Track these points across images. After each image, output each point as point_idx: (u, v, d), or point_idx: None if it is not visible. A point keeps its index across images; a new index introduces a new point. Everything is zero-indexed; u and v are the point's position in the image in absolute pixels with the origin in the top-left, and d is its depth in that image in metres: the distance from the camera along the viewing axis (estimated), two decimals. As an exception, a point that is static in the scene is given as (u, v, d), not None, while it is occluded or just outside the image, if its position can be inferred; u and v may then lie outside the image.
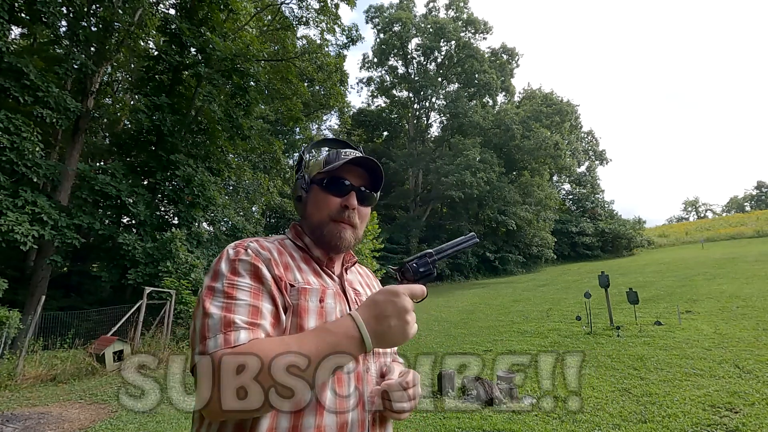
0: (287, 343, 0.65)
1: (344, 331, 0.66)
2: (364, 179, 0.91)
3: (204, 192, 12.63)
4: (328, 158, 0.92)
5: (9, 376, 6.15)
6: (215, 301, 0.69)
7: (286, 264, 0.81)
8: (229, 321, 0.66)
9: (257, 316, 0.69)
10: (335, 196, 0.87)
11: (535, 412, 3.97)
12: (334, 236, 0.85)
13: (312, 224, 0.88)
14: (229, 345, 0.63)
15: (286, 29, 17.34)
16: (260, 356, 0.61)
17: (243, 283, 0.72)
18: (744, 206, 70.97)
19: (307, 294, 0.77)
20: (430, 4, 33.66)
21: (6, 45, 8.78)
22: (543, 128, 29.70)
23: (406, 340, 0.68)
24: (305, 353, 0.63)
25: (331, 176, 0.87)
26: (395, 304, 0.67)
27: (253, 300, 0.71)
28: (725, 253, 20.29)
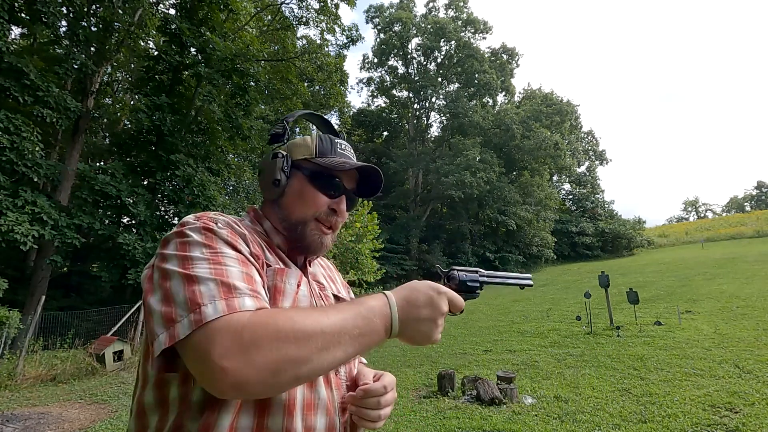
0: (322, 310, 0.59)
1: (379, 307, 0.60)
2: (355, 182, 0.82)
3: (204, 192, 12.63)
4: (321, 146, 0.78)
5: (9, 376, 6.15)
6: (198, 268, 0.56)
7: (257, 242, 0.71)
8: (229, 286, 0.55)
9: (253, 284, 0.59)
10: (324, 194, 0.76)
11: (535, 412, 3.97)
12: (315, 241, 0.76)
13: (289, 218, 0.76)
14: (235, 310, 0.52)
15: (286, 29, 17.35)
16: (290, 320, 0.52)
17: (228, 252, 0.60)
18: (744, 206, 70.98)
19: (285, 275, 0.69)
20: (430, 4, 33.69)
21: (6, 45, 8.78)
22: (543, 128, 29.71)
23: (428, 342, 0.64)
24: (342, 321, 0.56)
25: (325, 171, 0.76)
26: (433, 300, 0.63)
27: (243, 268, 0.59)
28: (725, 253, 20.29)
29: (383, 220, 23.91)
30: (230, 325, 0.50)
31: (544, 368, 5.49)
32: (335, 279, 0.92)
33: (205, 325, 0.50)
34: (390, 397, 0.73)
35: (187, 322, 0.51)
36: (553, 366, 5.58)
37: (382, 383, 0.72)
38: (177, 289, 0.54)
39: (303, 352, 0.51)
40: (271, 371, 0.50)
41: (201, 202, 12.83)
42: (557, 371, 5.31)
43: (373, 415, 0.70)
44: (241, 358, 0.49)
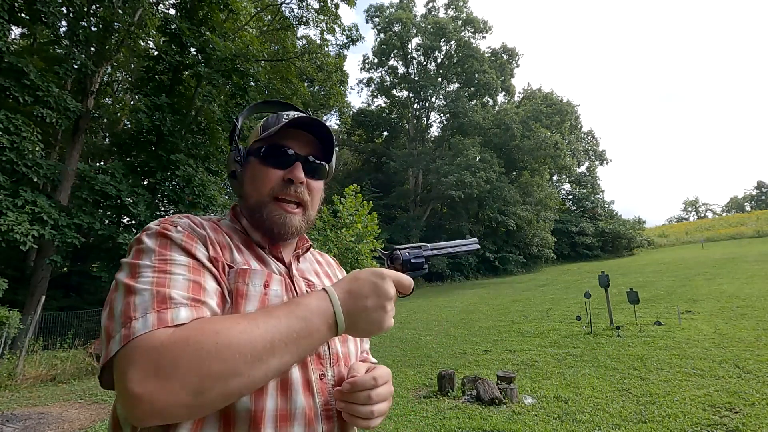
0: (252, 317, 0.52)
1: (317, 306, 0.55)
2: (313, 147, 0.74)
3: (204, 192, 12.63)
4: (266, 123, 0.75)
5: (9, 376, 6.16)
6: (142, 277, 0.54)
7: (223, 243, 0.67)
8: (164, 296, 0.52)
9: (199, 292, 0.55)
10: (276, 167, 0.71)
11: (535, 412, 3.97)
12: (277, 222, 0.70)
13: (250, 205, 0.72)
14: (165, 324, 0.49)
15: (286, 29, 17.36)
16: (214, 333, 0.48)
17: (178, 258, 0.58)
18: (744, 206, 71.01)
19: (248, 276, 0.63)
20: (430, 4, 33.71)
21: (6, 45, 8.79)
22: (543, 128, 29.72)
23: (381, 330, 0.59)
24: (272, 326, 0.51)
25: (270, 144, 0.71)
26: (377, 287, 0.58)
27: (193, 275, 0.57)
28: (725, 253, 20.30)
29: (383, 220, 23.93)
30: (150, 344, 0.47)
31: (544, 368, 5.49)
32: (333, 275, 0.87)
33: (130, 342, 0.47)
34: (383, 391, 0.65)
35: (118, 338, 0.49)
36: (553, 366, 5.58)
37: (371, 375, 0.65)
38: (118, 301, 0.52)
39: (229, 367, 0.47)
40: (193, 392, 0.46)
41: (201, 202, 12.83)
42: (557, 371, 5.31)
43: (364, 411, 0.63)
44: (157, 382, 0.45)
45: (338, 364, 0.69)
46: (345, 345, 0.74)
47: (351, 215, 12.33)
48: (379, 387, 0.65)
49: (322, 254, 0.92)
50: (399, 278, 0.62)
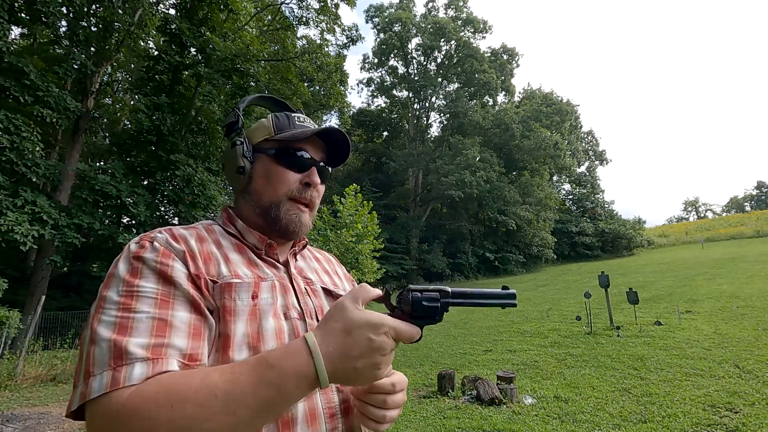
0: (211, 385, 0.46)
1: (295, 367, 0.48)
2: (323, 152, 0.77)
3: (204, 192, 12.64)
4: (278, 122, 0.75)
5: (9, 376, 6.16)
6: (105, 317, 0.52)
7: (209, 255, 0.64)
8: (120, 350, 0.49)
9: (164, 331, 0.52)
10: (295, 171, 0.72)
11: (535, 412, 3.97)
12: (292, 220, 0.71)
13: (262, 202, 0.72)
14: (118, 385, 0.46)
15: (286, 29, 17.37)
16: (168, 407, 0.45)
17: (146, 288, 0.55)
18: (744, 206, 71.04)
19: (234, 290, 0.61)
20: (430, 4, 33.73)
21: (6, 45, 8.79)
22: (543, 128, 29.73)
23: (368, 383, 0.55)
24: (237, 400, 0.46)
25: (288, 147, 0.72)
26: (371, 343, 0.50)
27: (159, 310, 0.53)
28: (725, 253, 20.30)
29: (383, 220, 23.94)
30: (107, 413, 0.46)
31: (544, 368, 5.49)
32: (333, 272, 0.86)
33: (87, 402, 0.47)
34: (398, 398, 0.65)
35: (78, 393, 0.48)
36: (553, 366, 5.58)
37: (391, 380, 0.63)
38: (85, 345, 0.52)
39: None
40: None
41: (201, 202, 12.84)
42: (557, 371, 5.31)
43: (377, 414, 0.62)
44: None
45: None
46: None
47: (351, 215, 12.33)
48: (396, 394, 0.64)
49: (320, 251, 0.91)
50: (399, 330, 0.53)
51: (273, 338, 0.61)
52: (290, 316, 0.66)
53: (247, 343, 0.58)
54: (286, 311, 0.66)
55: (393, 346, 0.53)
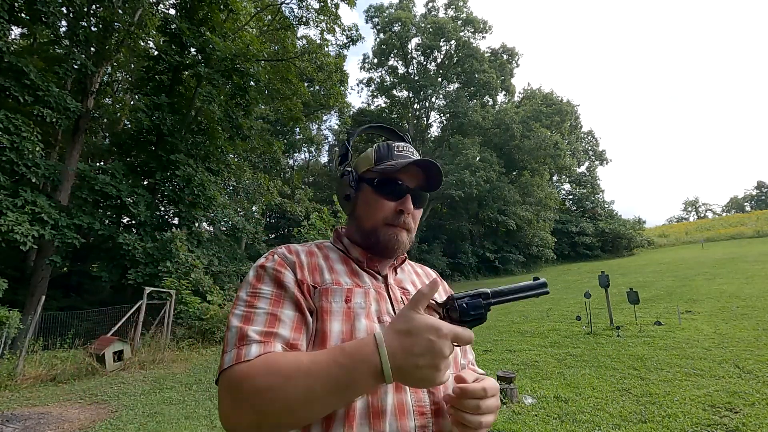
0: (299, 362, 0.59)
1: (363, 355, 0.57)
2: (419, 179, 0.83)
3: (204, 192, 12.64)
4: (379, 153, 0.84)
5: (9, 376, 6.15)
6: (237, 311, 0.69)
7: (316, 266, 0.77)
8: (243, 334, 0.64)
9: (274, 324, 0.66)
10: (389, 199, 0.80)
11: (535, 412, 3.97)
12: (391, 241, 0.80)
13: (364, 228, 0.82)
14: (240, 360, 0.61)
15: (286, 29, 17.36)
16: (267, 374, 0.58)
17: (264, 291, 0.70)
18: (744, 206, 71.04)
19: (330, 294, 0.72)
20: (430, 4, 33.72)
21: (6, 45, 8.79)
22: (543, 128, 29.71)
23: (429, 385, 0.58)
24: (314, 374, 0.57)
25: (385, 177, 0.80)
26: (432, 344, 0.56)
27: (272, 308, 0.68)
28: (725, 253, 20.29)
29: (383, 220, 23.91)
30: (231, 378, 0.61)
31: (544, 368, 5.49)
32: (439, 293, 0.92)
33: (222, 371, 0.62)
34: (492, 403, 0.67)
35: (220, 363, 0.64)
36: (553, 366, 5.58)
37: (482, 385, 0.67)
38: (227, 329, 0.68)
39: (277, 408, 0.57)
40: (254, 425, 0.58)
41: (201, 202, 12.84)
42: (557, 371, 5.31)
43: (472, 421, 0.64)
44: (232, 412, 0.59)
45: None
46: None
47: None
48: (488, 398, 0.66)
49: (422, 267, 0.99)
50: (457, 334, 0.58)
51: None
52: (383, 320, 0.74)
53: (341, 339, 0.68)
54: (380, 315, 0.74)
55: (452, 350, 0.57)
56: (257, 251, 18.25)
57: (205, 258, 12.39)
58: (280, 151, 19.28)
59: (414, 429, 0.66)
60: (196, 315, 9.58)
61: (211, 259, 12.93)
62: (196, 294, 10.34)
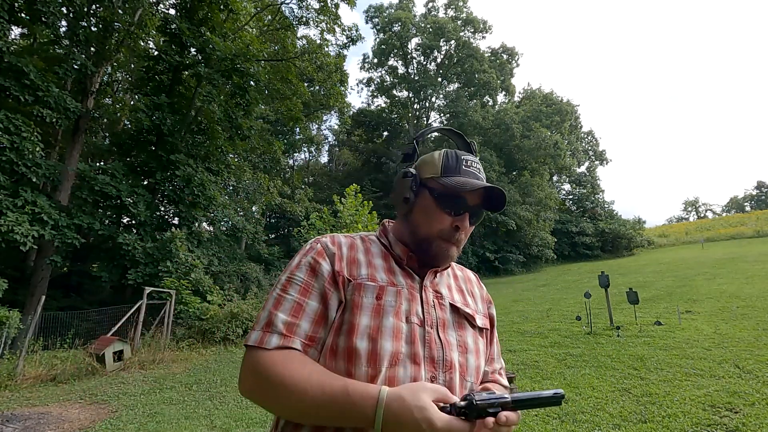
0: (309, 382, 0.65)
1: (362, 408, 0.62)
2: (481, 199, 0.82)
3: (204, 192, 12.63)
4: (447, 163, 0.82)
5: (9, 376, 6.15)
6: (274, 293, 0.75)
7: (355, 259, 0.79)
8: (271, 320, 0.71)
9: (298, 314, 0.72)
10: (449, 214, 0.79)
11: (535, 412, 3.97)
12: (441, 254, 0.80)
13: (418, 235, 0.81)
14: (261, 345, 0.69)
15: (286, 29, 17.36)
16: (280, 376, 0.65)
17: (298, 278, 0.75)
18: (744, 206, 71.01)
19: (362, 290, 0.74)
20: (430, 4, 33.72)
21: (6, 45, 8.78)
22: (543, 128, 29.70)
23: None
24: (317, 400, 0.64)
25: (449, 192, 0.79)
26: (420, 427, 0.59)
27: (300, 296, 0.73)
28: (725, 253, 20.29)
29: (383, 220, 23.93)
30: (252, 357, 0.69)
31: (544, 368, 5.49)
32: (468, 291, 0.91)
33: (247, 345, 0.71)
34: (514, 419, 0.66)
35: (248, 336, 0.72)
36: (553, 366, 5.58)
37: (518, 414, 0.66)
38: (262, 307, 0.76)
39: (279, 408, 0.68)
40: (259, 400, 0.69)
41: (201, 202, 12.83)
42: (557, 371, 5.31)
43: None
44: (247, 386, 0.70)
45: (451, 371, 0.74)
46: (464, 356, 0.78)
47: (351, 215, 12.32)
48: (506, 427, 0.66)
49: (462, 269, 0.97)
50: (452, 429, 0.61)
51: (389, 334, 0.71)
52: (411, 320, 0.74)
53: (368, 333, 0.71)
54: (409, 316, 0.75)
55: None
56: (257, 251, 18.26)
57: (205, 258, 12.39)
58: (280, 151, 19.27)
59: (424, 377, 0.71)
60: (196, 315, 9.58)
61: (211, 259, 12.93)
62: (196, 294, 10.34)
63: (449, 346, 0.76)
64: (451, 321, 0.80)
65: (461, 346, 0.78)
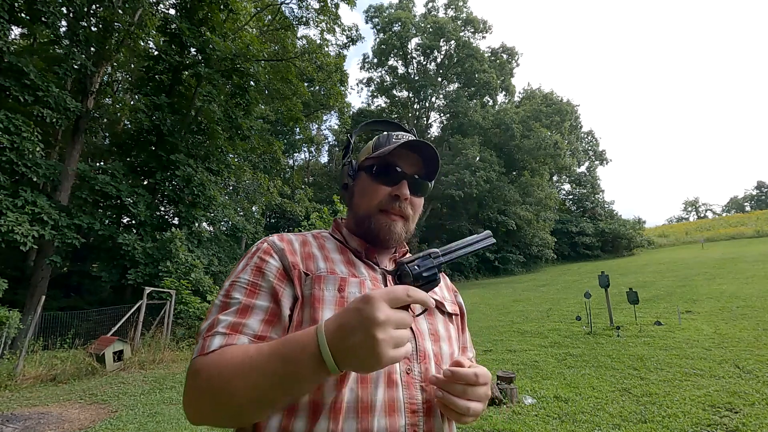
0: (246, 355, 0.56)
1: (302, 344, 0.52)
2: (418, 166, 0.81)
3: (204, 192, 12.64)
4: (378, 142, 0.83)
5: (9, 376, 6.15)
6: (217, 300, 0.68)
7: (310, 254, 0.75)
8: (212, 325, 0.63)
9: (245, 315, 0.64)
10: (385, 184, 0.78)
11: (535, 412, 3.97)
12: (383, 229, 0.77)
13: (358, 215, 0.80)
14: (203, 352, 0.60)
15: (286, 29, 17.37)
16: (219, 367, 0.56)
17: (242, 281, 0.69)
18: (744, 206, 71.05)
19: (322, 282, 0.69)
20: (430, 4, 33.71)
21: (6, 45, 8.78)
22: (543, 128, 29.71)
23: (377, 364, 0.50)
24: (258, 368, 0.54)
25: (381, 163, 0.79)
26: (360, 314, 0.50)
27: (247, 298, 0.66)
28: (725, 253, 20.29)
29: (383, 220, 23.88)
30: (191, 369, 0.60)
31: (544, 368, 5.49)
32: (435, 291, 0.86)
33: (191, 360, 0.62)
34: (481, 392, 0.65)
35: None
36: (553, 366, 5.58)
37: (474, 371, 0.65)
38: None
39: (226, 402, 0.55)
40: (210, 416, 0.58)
41: (201, 202, 12.83)
42: (557, 371, 5.31)
43: (459, 405, 0.62)
44: (190, 401, 0.59)
45: (426, 361, 0.70)
46: (437, 344, 0.75)
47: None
48: (478, 386, 0.65)
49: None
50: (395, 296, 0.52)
51: None
52: None
53: None
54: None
55: (390, 317, 0.50)
56: (257, 251, 18.22)
57: (205, 258, 12.39)
58: (280, 151, 19.28)
59: (404, 427, 0.63)
60: (196, 315, 9.58)
61: (211, 259, 12.93)
62: (196, 294, 10.34)
63: (421, 335, 0.73)
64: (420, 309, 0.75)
65: (433, 334, 0.75)
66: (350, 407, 0.61)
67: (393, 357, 0.50)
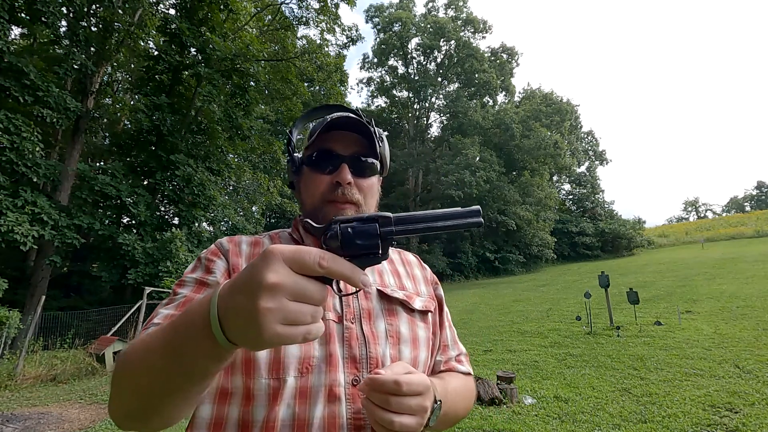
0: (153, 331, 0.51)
1: (195, 308, 0.44)
2: (359, 145, 0.73)
3: (204, 192, 12.65)
4: (312, 129, 0.76)
5: (9, 376, 6.16)
6: (164, 300, 0.66)
7: (253, 254, 0.72)
8: (151, 317, 0.61)
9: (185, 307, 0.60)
10: (324, 173, 0.71)
11: (535, 412, 3.97)
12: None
13: (307, 211, 0.73)
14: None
15: (286, 29, 17.36)
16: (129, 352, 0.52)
17: (189, 279, 0.67)
18: (744, 206, 71.07)
19: None
20: (430, 4, 33.72)
21: (6, 45, 8.78)
22: (543, 128, 29.72)
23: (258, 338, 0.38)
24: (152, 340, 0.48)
25: (316, 150, 0.72)
26: (251, 271, 0.39)
27: (191, 293, 0.64)
28: (725, 253, 20.29)
29: (383, 220, 23.83)
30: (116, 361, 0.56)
31: (544, 368, 5.49)
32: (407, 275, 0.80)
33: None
34: (412, 403, 0.54)
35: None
36: (553, 366, 5.58)
37: (396, 378, 0.54)
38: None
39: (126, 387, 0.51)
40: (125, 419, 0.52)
41: (201, 202, 12.84)
42: (557, 371, 5.31)
43: (381, 418, 0.53)
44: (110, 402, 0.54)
45: (378, 369, 0.62)
46: (395, 347, 0.67)
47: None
48: (403, 396, 0.53)
49: (400, 251, 0.86)
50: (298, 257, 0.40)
51: None
52: (326, 317, 0.63)
53: None
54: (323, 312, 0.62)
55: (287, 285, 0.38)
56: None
57: (205, 258, 12.38)
58: (280, 151, 19.28)
59: None
60: (196, 315, 9.58)
61: (211, 259, 12.91)
62: (196, 294, 10.33)
63: (375, 338, 0.65)
64: (379, 309, 0.69)
65: (393, 336, 0.67)
66: (285, 425, 0.55)
67: (279, 335, 0.38)
